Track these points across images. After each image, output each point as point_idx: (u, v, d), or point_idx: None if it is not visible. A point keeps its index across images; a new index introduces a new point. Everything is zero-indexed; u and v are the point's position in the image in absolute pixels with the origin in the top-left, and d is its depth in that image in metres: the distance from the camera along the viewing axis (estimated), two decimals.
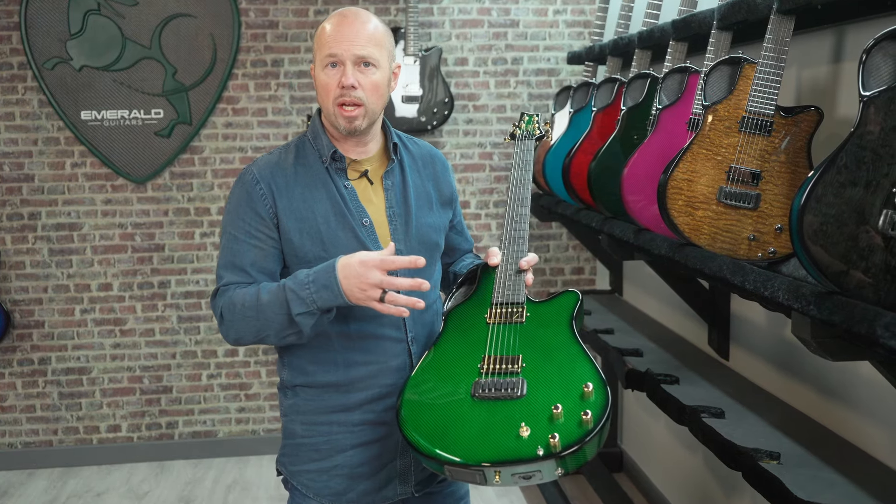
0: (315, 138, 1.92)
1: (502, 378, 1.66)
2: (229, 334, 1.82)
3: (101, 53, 4.10)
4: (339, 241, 1.84)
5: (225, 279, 1.83)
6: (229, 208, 1.87)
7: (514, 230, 1.95)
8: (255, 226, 1.83)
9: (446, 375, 1.73)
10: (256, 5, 4.19)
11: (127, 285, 4.27)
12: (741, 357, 2.87)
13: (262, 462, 4.35)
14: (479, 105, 4.36)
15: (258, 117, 4.25)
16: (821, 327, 1.57)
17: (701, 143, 2.17)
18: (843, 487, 1.92)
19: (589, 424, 1.53)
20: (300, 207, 1.84)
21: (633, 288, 3.94)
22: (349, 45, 1.79)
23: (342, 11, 1.85)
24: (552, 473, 1.53)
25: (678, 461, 3.48)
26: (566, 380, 1.64)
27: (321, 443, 1.90)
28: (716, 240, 2.17)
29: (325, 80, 1.81)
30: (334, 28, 1.81)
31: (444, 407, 1.65)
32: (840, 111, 2.23)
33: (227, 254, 1.84)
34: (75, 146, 4.17)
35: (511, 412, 1.59)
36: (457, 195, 2.10)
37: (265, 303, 1.74)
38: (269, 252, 1.84)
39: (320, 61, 1.82)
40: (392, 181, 1.94)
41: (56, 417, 4.32)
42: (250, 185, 1.85)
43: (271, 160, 1.89)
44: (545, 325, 1.81)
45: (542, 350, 1.74)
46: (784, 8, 2.01)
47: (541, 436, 1.53)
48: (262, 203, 1.83)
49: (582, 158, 3.07)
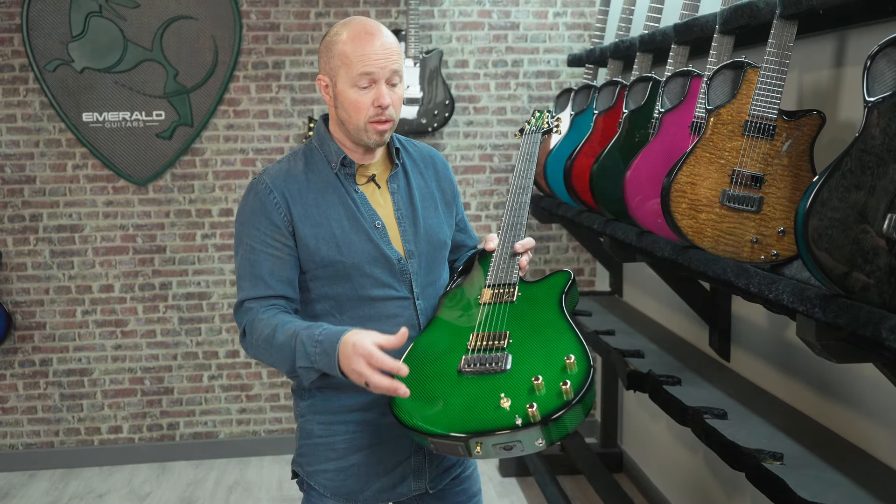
0: (322, 145, 1.94)
1: (488, 353, 1.71)
2: (248, 351, 1.87)
3: (103, 55, 4.11)
4: (353, 244, 1.86)
5: (245, 291, 1.85)
6: (242, 219, 1.89)
7: (512, 217, 2.00)
8: (272, 234, 1.85)
9: (436, 353, 1.78)
10: (258, 7, 4.20)
11: (128, 287, 4.28)
12: (742, 358, 2.89)
13: (263, 463, 4.36)
14: (480, 107, 4.38)
15: (259, 119, 4.26)
16: (826, 330, 1.59)
17: (704, 147, 2.19)
18: (847, 488, 1.94)
19: (568, 395, 1.56)
20: (314, 213, 1.86)
21: (633, 289, 3.96)
22: (384, 64, 1.81)
23: (363, 26, 1.84)
24: (533, 444, 1.56)
25: (679, 461, 3.50)
26: (549, 353, 1.68)
27: (338, 442, 1.92)
28: (719, 242, 2.19)
29: (355, 98, 1.82)
30: (362, 45, 1.80)
31: (431, 383, 1.70)
32: (842, 115, 2.25)
33: (245, 264, 1.86)
34: (77, 148, 4.18)
35: (494, 386, 1.64)
36: (458, 192, 2.13)
37: (278, 344, 1.76)
38: (287, 260, 1.86)
39: (349, 80, 1.81)
40: (397, 184, 1.98)
41: (57, 419, 4.32)
42: (263, 194, 1.86)
43: (281, 168, 1.91)
44: (535, 304, 1.85)
45: (529, 327, 1.78)
46: (787, 13, 2.03)
47: (520, 406, 1.56)
48: (277, 211, 1.85)
49: (584, 161, 3.08)
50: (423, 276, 1.94)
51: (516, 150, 4.39)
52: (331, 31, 1.88)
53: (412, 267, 1.92)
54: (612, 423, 4.20)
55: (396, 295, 1.90)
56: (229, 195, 4.28)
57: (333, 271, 1.86)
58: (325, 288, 1.88)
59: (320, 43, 1.92)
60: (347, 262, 1.86)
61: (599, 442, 4.27)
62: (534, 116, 2.25)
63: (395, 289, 1.90)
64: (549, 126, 2.20)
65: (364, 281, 1.88)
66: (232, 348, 4.37)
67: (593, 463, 3.88)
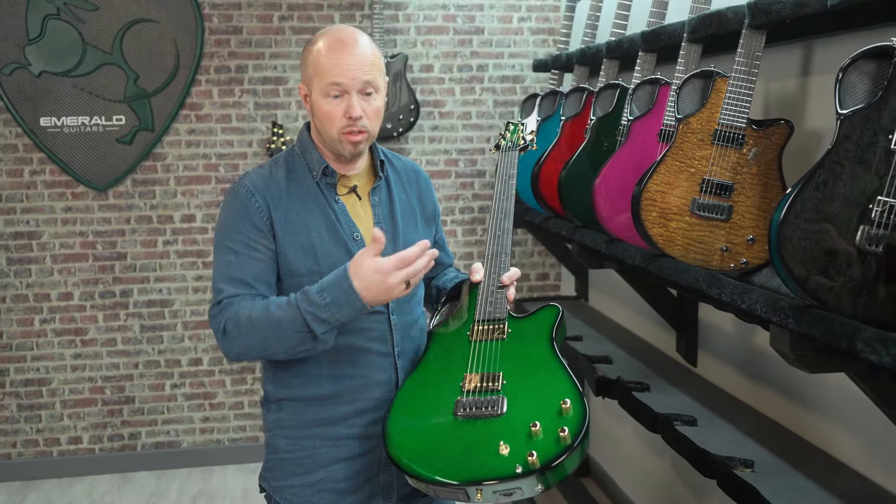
0: (304, 153, 1.92)
1: (483, 396, 1.70)
2: (232, 349, 1.78)
3: (61, 59, 4.02)
4: (330, 254, 1.84)
5: (226, 292, 1.80)
6: (224, 222, 1.85)
7: (496, 244, 1.98)
8: (254, 238, 1.82)
9: (430, 395, 1.77)
10: (220, 11, 4.14)
11: (88, 294, 4.20)
12: (709, 364, 2.91)
13: (226, 472, 4.31)
14: (445, 112, 4.37)
15: (222, 124, 4.20)
16: (799, 340, 1.60)
17: (674, 156, 2.19)
18: (817, 494, 1.95)
19: (567, 441, 1.56)
20: (294, 221, 1.84)
21: (599, 294, 3.97)
22: (354, 74, 1.78)
23: (338, 35, 1.82)
24: (532, 489, 1.58)
25: (646, 466, 3.51)
26: (545, 396, 1.68)
27: (304, 457, 1.89)
28: (689, 251, 2.19)
29: (327, 109, 1.80)
30: (335, 55, 1.78)
31: (428, 427, 1.70)
32: (808, 124, 2.27)
33: (226, 267, 1.81)
34: (34, 153, 4.09)
35: (492, 430, 1.63)
36: (439, 212, 2.12)
37: (277, 319, 1.71)
38: (269, 264, 1.83)
39: (321, 89, 1.80)
40: (379, 197, 1.96)
41: (15, 430, 4.23)
42: (245, 197, 1.84)
43: (263, 173, 1.88)
44: (526, 341, 1.85)
45: (522, 366, 1.77)
46: (756, 23, 2.04)
47: (519, 454, 1.56)
48: (259, 215, 1.82)
49: (551, 167, 3.08)
50: None
51: (481, 154, 4.39)
52: (311, 41, 1.86)
53: None
54: None
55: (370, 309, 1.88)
56: (191, 201, 4.22)
57: (309, 281, 1.82)
58: None
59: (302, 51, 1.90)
60: (325, 273, 1.81)
61: None
62: (508, 131, 2.24)
63: None
64: (526, 142, 2.19)
65: None
66: (195, 356, 4.31)
67: None
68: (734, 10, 2.14)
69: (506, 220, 2.00)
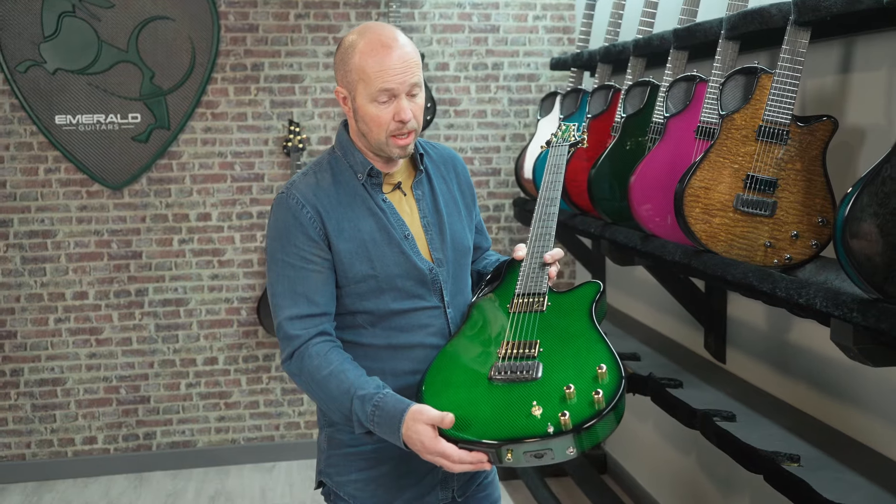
0: (346, 154, 1.89)
1: (519, 361, 1.71)
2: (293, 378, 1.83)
3: (77, 56, 4.00)
4: (385, 257, 1.83)
5: (286, 310, 1.80)
6: (275, 234, 1.83)
7: (541, 227, 1.99)
8: (310, 250, 1.80)
9: (467, 360, 1.78)
10: (236, 8, 4.13)
11: (103, 294, 4.18)
12: (739, 360, 2.92)
13: (243, 472, 4.29)
14: (461, 110, 4.37)
15: (238, 122, 4.19)
16: (864, 334, 1.61)
17: (718, 152, 2.20)
18: (867, 489, 1.96)
19: (600, 404, 1.56)
20: (346, 227, 1.82)
21: (617, 292, 3.98)
22: (403, 79, 1.75)
23: (379, 37, 1.77)
24: (564, 452, 1.56)
25: (669, 463, 3.52)
26: (581, 362, 1.68)
27: (368, 451, 1.89)
28: (732, 246, 2.20)
29: (375, 113, 1.78)
30: (380, 59, 1.74)
31: (461, 390, 1.71)
32: (849, 120, 2.28)
33: (285, 282, 1.80)
34: (49, 151, 4.07)
35: (526, 393, 1.64)
36: (476, 195, 2.11)
37: (333, 396, 1.75)
38: (328, 275, 1.82)
39: (368, 95, 1.76)
40: (422, 191, 1.95)
41: (29, 430, 4.20)
42: (296, 209, 1.81)
43: (310, 182, 1.85)
44: (565, 314, 1.85)
45: (560, 336, 1.78)
46: (802, 19, 2.05)
47: (552, 414, 1.57)
48: (313, 226, 1.80)
49: (577, 165, 3.09)
50: (451, 285, 1.92)
51: (496, 152, 4.40)
52: (345, 42, 1.81)
53: (442, 276, 1.90)
54: None
55: (427, 305, 1.88)
56: (207, 199, 4.20)
57: (366, 287, 1.83)
58: (356, 303, 1.85)
59: (335, 52, 1.86)
60: (380, 277, 1.82)
61: None
62: (560, 129, 2.25)
63: (425, 299, 1.87)
64: (577, 139, 2.19)
65: (396, 294, 1.85)
66: (210, 355, 4.29)
67: (580, 465, 3.90)
68: (778, 7, 2.15)
69: (551, 206, 2.00)
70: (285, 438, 4.38)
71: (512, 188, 4.41)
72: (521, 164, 3.77)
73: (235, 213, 4.23)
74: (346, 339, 1.86)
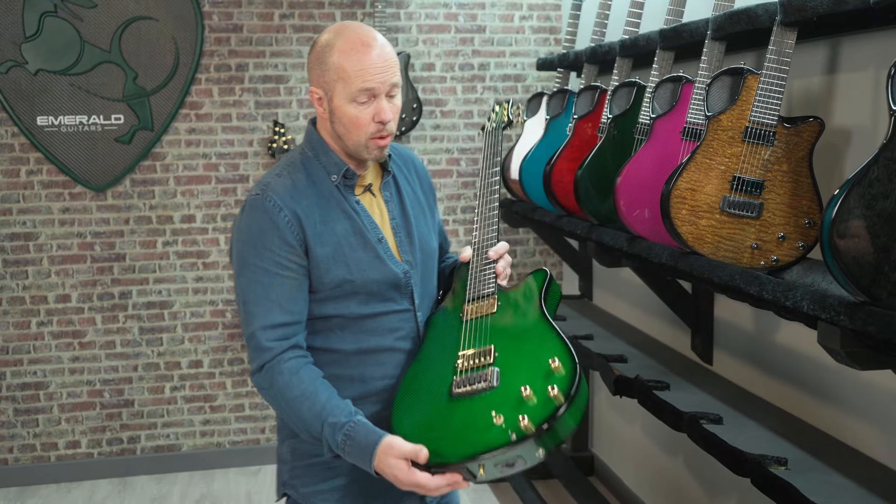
0: (319, 155, 1.84)
1: (476, 372, 1.69)
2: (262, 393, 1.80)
3: (59, 57, 3.96)
4: (362, 262, 1.79)
5: (259, 318, 1.74)
6: (248, 238, 1.77)
7: (484, 221, 1.97)
8: (286, 255, 1.74)
9: (427, 383, 1.76)
10: (220, 8, 4.09)
11: (86, 296, 4.13)
12: (726, 362, 2.91)
13: (228, 475, 4.26)
14: (447, 110, 4.35)
15: (222, 123, 4.16)
16: (851, 337, 1.59)
17: (704, 153, 2.19)
18: (854, 492, 1.95)
19: (558, 400, 1.54)
20: (323, 231, 1.77)
21: (604, 293, 3.97)
22: (383, 78, 1.72)
23: (357, 36, 1.73)
24: (533, 456, 1.54)
25: (656, 465, 3.51)
26: (534, 360, 1.65)
27: (335, 461, 1.83)
28: (719, 248, 2.19)
29: (355, 114, 1.74)
30: (359, 58, 1.71)
31: (426, 411, 1.69)
32: (836, 121, 2.27)
33: (257, 288, 1.74)
34: (31, 153, 4.02)
35: (486, 404, 1.62)
36: (436, 195, 2.08)
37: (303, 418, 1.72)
38: (303, 282, 1.77)
39: (348, 95, 1.72)
40: (390, 192, 1.91)
41: (11, 435, 4.15)
42: (273, 212, 1.75)
43: (286, 184, 1.79)
44: (515, 310, 1.83)
45: (513, 336, 1.76)
46: (788, 20, 2.04)
47: (512, 420, 1.54)
48: (290, 231, 1.74)
49: (564, 166, 3.07)
50: (421, 288, 1.89)
51: None
52: (321, 40, 1.77)
53: (413, 278, 1.87)
54: (583, 427, 4.20)
55: (398, 308, 1.84)
56: (191, 201, 4.16)
57: (340, 291, 1.78)
58: (329, 307, 1.80)
59: (309, 52, 1.80)
60: (357, 282, 1.78)
61: (570, 446, 4.27)
62: (493, 112, 2.21)
63: (397, 302, 1.84)
64: (510, 117, 2.15)
65: (369, 297, 1.81)
66: (195, 358, 4.26)
67: (567, 467, 3.88)
68: (764, 8, 2.14)
69: (492, 197, 1.98)
70: (271, 442, 4.34)
71: None
72: (508, 165, 3.75)
73: (220, 215, 4.19)
74: (317, 346, 1.82)
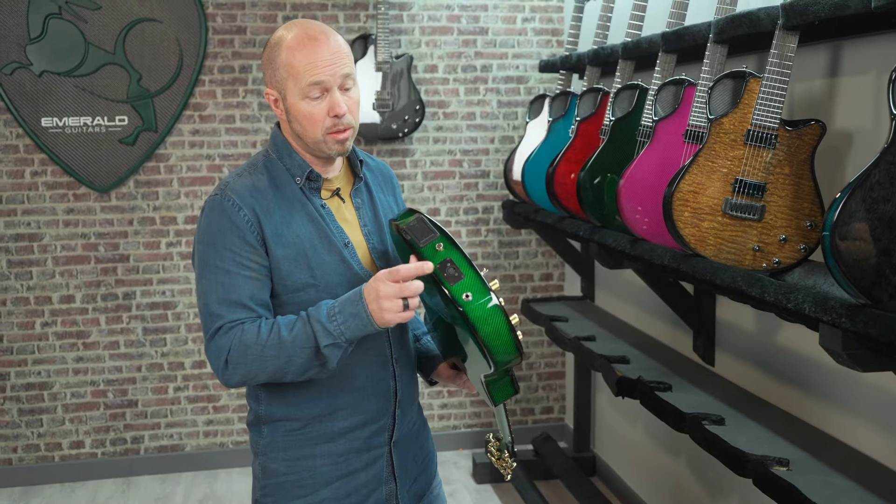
0: (282, 156, 1.81)
1: None
2: (233, 377, 1.70)
3: (63, 59, 3.97)
4: (325, 265, 1.77)
5: (220, 318, 1.70)
6: (207, 239, 1.74)
7: None
8: (247, 255, 1.72)
9: None
10: (223, 11, 4.11)
11: (90, 297, 4.15)
12: (728, 363, 2.92)
13: (231, 475, 4.27)
14: (449, 112, 4.36)
15: (226, 124, 4.17)
16: (853, 339, 1.61)
17: (707, 156, 2.20)
18: (856, 493, 1.97)
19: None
20: (285, 233, 1.75)
21: (606, 294, 3.98)
22: (333, 70, 1.70)
23: (305, 30, 1.72)
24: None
25: (658, 465, 3.53)
26: None
27: (306, 478, 1.82)
28: (721, 250, 2.20)
29: (308, 111, 1.72)
30: (308, 52, 1.69)
31: None
32: (837, 124, 2.29)
33: (219, 289, 1.71)
34: (35, 154, 4.04)
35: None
36: None
37: (289, 340, 1.66)
38: (265, 282, 1.74)
39: (299, 91, 1.71)
40: (361, 199, 1.89)
41: (15, 435, 4.17)
42: (232, 211, 1.72)
43: (246, 183, 1.77)
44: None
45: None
46: (791, 24, 2.05)
47: None
48: (250, 230, 1.72)
49: (566, 168, 3.09)
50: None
51: (486, 155, 4.41)
52: (271, 40, 1.76)
53: None
54: (584, 427, 4.22)
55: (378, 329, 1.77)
56: (195, 202, 4.18)
57: (305, 296, 1.75)
58: (292, 312, 1.75)
59: (262, 53, 1.79)
60: (320, 286, 1.76)
61: (572, 446, 4.29)
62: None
63: None
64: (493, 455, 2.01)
65: None
66: (198, 359, 4.27)
67: (569, 467, 3.90)
68: (766, 11, 2.15)
69: None
70: None
71: (501, 191, 4.41)
72: (510, 166, 3.77)
73: None
74: None
